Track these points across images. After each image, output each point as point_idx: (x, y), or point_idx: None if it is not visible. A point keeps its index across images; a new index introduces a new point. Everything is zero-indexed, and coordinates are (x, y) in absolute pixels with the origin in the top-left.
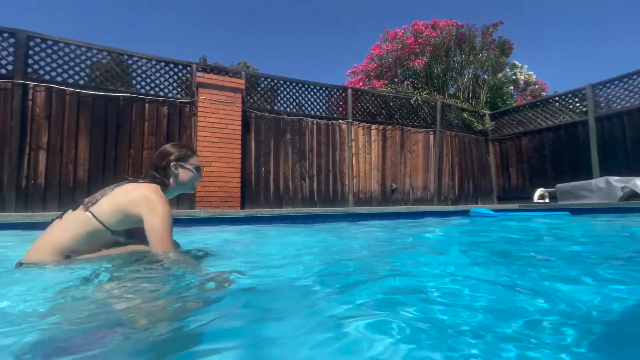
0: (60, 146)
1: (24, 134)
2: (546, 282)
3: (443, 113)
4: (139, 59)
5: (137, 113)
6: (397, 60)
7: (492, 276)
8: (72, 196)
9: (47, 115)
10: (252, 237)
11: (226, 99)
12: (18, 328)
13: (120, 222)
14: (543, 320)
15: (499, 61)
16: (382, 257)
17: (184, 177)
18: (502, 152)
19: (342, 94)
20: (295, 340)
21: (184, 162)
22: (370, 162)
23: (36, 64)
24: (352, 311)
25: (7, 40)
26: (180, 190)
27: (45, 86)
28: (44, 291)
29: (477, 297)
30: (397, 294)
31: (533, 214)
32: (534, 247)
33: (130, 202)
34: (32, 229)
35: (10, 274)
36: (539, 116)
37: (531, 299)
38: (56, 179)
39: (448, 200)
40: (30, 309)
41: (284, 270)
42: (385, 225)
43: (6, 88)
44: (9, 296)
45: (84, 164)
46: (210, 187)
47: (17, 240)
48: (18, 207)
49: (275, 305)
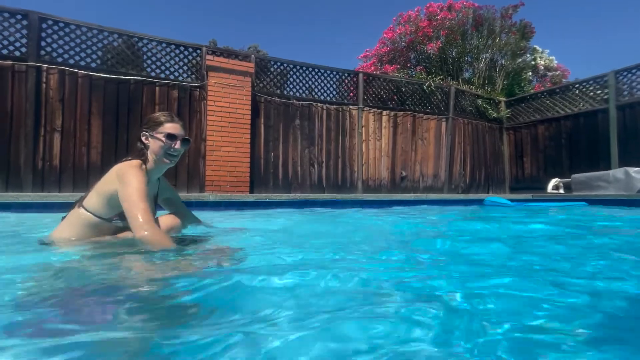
0: (74, 129)
1: (39, 117)
2: (598, 277)
3: (456, 99)
4: (150, 42)
5: (147, 97)
6: (410, 44)
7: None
8: (86, 179)
9: (61, 98)
10: (258, 221)
11: (236, 82)
12: (30, 300)
13: (108, 207)
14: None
15: (519, 45)
16: (394, 244)
17: (154, 147)
18: (517, 141)
19: (353, 78)
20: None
21: (153, 131)
22: (381, 149)
23: (49, 46)
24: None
25: (20, 22)
26: (158, 166)
27: (58, 69)
28: (50, 268)
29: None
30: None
31: (550, 204)
32: (562, 240)
33: (105, 182)
34: (48, 209)
35: (31, 251)
36: (558, 104)
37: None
38: (70, 161)
39: (459, 189)
40: (38, 283)
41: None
42: (400, 212)
43: (20, 70)
44: (25, 269)
45: (97, 147)
46: (219, 171)
47: (34, 218)
48: (35, 188)
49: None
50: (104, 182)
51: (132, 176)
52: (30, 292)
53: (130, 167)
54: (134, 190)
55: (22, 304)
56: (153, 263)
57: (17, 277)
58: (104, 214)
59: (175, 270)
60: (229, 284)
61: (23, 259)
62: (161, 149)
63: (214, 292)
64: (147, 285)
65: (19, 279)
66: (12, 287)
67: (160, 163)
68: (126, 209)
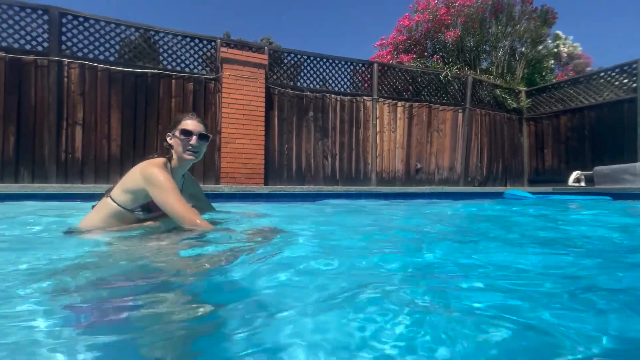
0: (94, 122)
1: (61, 110)
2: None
3: (474, 89)
4: (165, 35)
5: (164, 89)
6: (427, 33)
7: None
8: (106, 171)
9: (82, 92)
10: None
11: (250, 75)
12: (60, 287)
13: (132, 200)
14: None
15: (540, 32)
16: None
17: (175, 145)
18: (537, 132)
19: (367, 69)
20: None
21: (173, 131)
22: (395, 141)
23: (69, 40)
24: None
25: (42, 17)
26: (182, 163)
27: (78, 63)
28: (78, 257)
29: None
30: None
31: (572, 198)
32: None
33: (130, 180)
34: (72, 199)
35: (59, 239)
36: (581, 93)
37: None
38: (92, 153)
39: (475, 181)
40: (67, 271)
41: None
42: (416, 204)
43: (43, 65)
44: (54, 257)
45: (117, 139)
46: (234, 163)
47: (59, 208)
48: (59, 179)
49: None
50: (129, 179)
51: (159, 178)
52: (65, 281)
53: (154, 166)
54: (168, 193)
55: (55, 291)
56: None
57: (47, 266)
58: (127, 205)
59: (227, 253)
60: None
61: (54, 247)
62: (180, 146)
63: (264, 271)
64: (186, 271)
65: (49, 268)
66: (42, 276)
67: (182, 160)
68: (169, 212)
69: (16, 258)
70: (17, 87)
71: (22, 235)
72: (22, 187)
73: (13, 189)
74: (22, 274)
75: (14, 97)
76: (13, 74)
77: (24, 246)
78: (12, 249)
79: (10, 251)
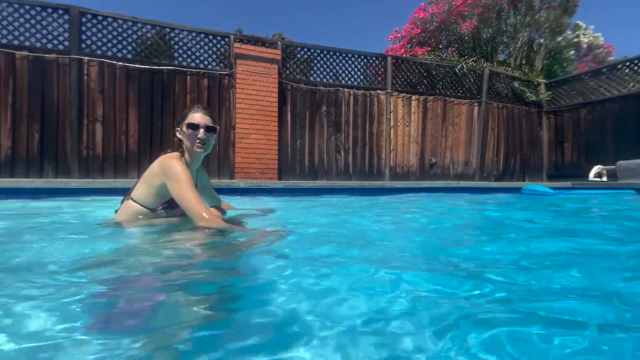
0: (113, 118)
1: (82, 107)
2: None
3: (490, 82)
4: (180, 32)
5: (179, 86)
6: (442, 25)
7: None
8: (124, 167)
9: (101, 89)
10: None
11: (263, 70)
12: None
13: (154, 197)
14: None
15: (560, 22)
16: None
17: (184, 139)
18: (557, 126)
19: (381, 62)
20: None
21: (181, 125)
22: (409, 135)
23: (89, 39)
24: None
25: (62, 17)
26: (194, 156)
27: (97, 61)
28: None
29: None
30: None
31: (594, 193)
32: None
33: (150, 174)
34: (94, 194)
35: (92, 231)
36: (603, 85)
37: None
38: (111, 149)
39: (491, 176)
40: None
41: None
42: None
43: (64, 63)
44: (82, 248)
45: (134, 136)
46: (248, 158)
47: (85, 204)
48: (81, 174)
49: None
50: (150, 174)
51: (176, 170)
52: (97, 274)
53: (172, 159)
54: (182, 186)
55: (84, 286)
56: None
57: (78, 261)
58: (149, 204)
59: (238, 247)
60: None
61: (86, 241)
62: (188, 140)
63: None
64: (206, 265)
65: (79, 263)
66: (73, 270)
67: (193, 153)
68: (181, 203)
69: (50, 249)
70: (40, 85)
71: (53, 228)
72: (46, 182)
73: (38, 183)
74: (55, 263)
75: (38, 95)
76: (36, 72)
77: (59, 238)
78: (44, 241)
79: (43, 242)
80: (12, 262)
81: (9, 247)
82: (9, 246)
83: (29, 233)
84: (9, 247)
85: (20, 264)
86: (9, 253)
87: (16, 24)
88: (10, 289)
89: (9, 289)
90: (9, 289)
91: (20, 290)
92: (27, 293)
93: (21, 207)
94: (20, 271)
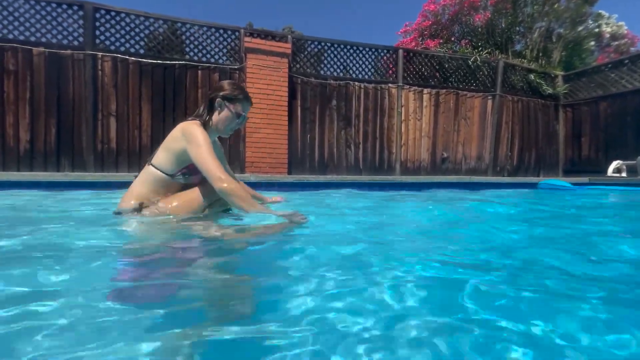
0: (127, 113)
1: (96, 102)
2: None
3: (505, 75)
4: (191, 26)
5: (191, 80)
6: (454, 16)
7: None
8: (138, 161)
9: (115, 84)
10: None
11: (273, 64)
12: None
13: (173, 163)
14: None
15: (581, 11)
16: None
17: (222, 117)
18: (575, 120)
19: (392, 55)
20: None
21: (230, 103)
22: (421, 129)
23: (102, 35)
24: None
25: (77, 13)
26: (217, 132)
27: (111, 56)
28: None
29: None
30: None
31: (616, 188)
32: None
33: (172, 139)
34: (109, 187)
35: (107, 219)
36: (624, 77)
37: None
38: (125, 143)
39: (504, 171)
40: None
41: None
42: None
43: (79, 59)
44: (102, 238)
45: (147, 130)
46: (259, 153)
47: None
48: (96, 168)
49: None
50: (171, 140)
51: (198, 135)
52: (112, 264)
53: (194, 125)
54: (203, 150)
55: (100, 276)
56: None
57: (95, 252)
58: (168, 170)
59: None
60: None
61: (97, 233)
62: (228, 123)
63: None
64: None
65: (95, 254)
66: (88, 261)
67: (217, 132)
68: (200, 166)
69: (68, 237)
70: (56, 81)
71: (70, 218)
72: (64, 176)
73: (57, 177)
74: (76, 251)
75: (54, 90)
76: (52, 68)
77: (78, 226)
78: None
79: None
80: (41, 244)
81: (37, 233)
82: (37, 233)
83: (52, 222)
84: (37, 232)
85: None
86: (38, 235)
87: (32, 21)
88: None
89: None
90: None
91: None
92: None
93: (42, 197)
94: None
